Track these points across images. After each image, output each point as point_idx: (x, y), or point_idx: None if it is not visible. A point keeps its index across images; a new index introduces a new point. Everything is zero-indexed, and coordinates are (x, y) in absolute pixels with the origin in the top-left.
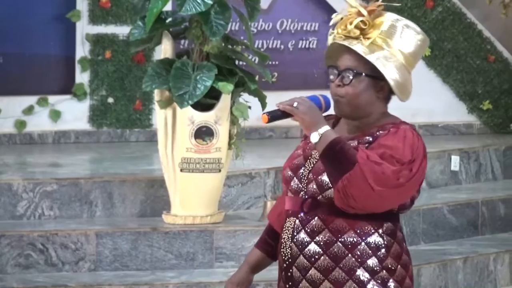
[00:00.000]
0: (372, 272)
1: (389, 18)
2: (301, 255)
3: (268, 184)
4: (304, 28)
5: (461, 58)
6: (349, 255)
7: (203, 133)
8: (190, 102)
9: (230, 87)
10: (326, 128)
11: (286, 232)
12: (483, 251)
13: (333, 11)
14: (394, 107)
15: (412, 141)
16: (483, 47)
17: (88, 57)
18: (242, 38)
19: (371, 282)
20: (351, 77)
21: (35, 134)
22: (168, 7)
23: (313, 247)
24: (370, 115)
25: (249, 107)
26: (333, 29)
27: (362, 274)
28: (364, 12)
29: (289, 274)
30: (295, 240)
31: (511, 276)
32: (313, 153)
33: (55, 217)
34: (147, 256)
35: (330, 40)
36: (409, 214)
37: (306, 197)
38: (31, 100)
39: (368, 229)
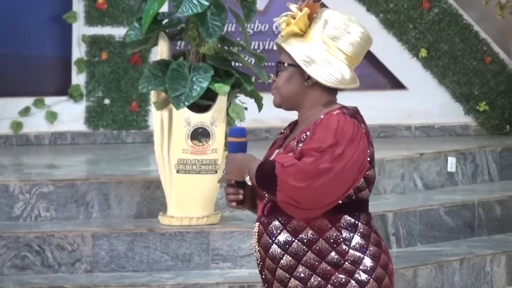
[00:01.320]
0: (335, 265)
1: (325, 14)
2: (267, 257)
3: None
4: None
5: (458, 59)
6: (309, 251)
7: (199, 134)
8: (186, 103)
9: (226, 88)
10: (251, 165)
11: (254, 237)
12: (480, 252)
13: None
14: (390, 108)
15: (336, 126)
16: (479, 48)
17: (85, 58)
18: (238, 39)
19: (335, 274)
20: (277, 69)
21: (31, 136)
22: (165, 8)
23: (274, 248)
24: (308, 106)
25: (246, 109)
26: None
27: (325, 267)
28: (293, 9)
29: (263, 276)
30: (260, 243)
31: (507, 277)
32: (272, 157)
33: (51, 219)
34: (144, 257)
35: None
36: (406, 215)
37: (266, 200)
38: (28, 101)
39: (324, 224)
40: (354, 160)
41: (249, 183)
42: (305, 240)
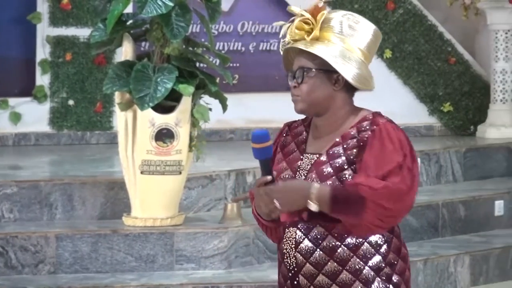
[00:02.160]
0: (377, 270)
1: (337, 14)
2: (307, 263)
3: (228, 186)
4: (265, 30)
5: (422, 60)
6: (354, 256)
7: (164, 135)
8: (150, 104)
9: (191, 89)
10: (314, 191)
11: (288, 243)
12: (444, 252)
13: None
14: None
15: (397, 137)
16: (444, 49)
17: (49, 59)
18: (203, 40)
19: (376, 280)
20: (302, 75)
21: None
22: (129, 9)
23: (318, 254)
24: (333, 110)
25: (210, 109)
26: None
27: (368, 273)
28: (305, 13)
29: (295, 282)
30: (299, 249)
31: (471, 277)
32: (299, 164)
33: (15, 220)
34: (107, 258)
35: (281, 50)
36: None
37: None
38: None
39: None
40: (416, 166)
41: (313, 209)
42: (351, 246)
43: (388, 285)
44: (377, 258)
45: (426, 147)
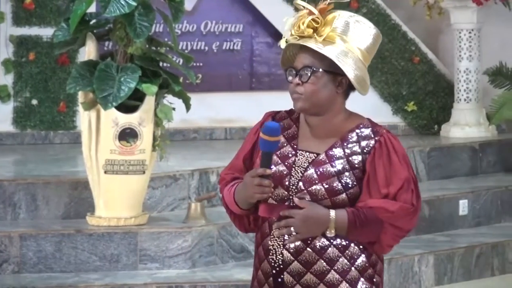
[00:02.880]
0: (362, 270)
1: (342, 15)
2: (296, 261)
3: (192, 185)
4: (229, 30)
5: (386, 59)
6: (342, 257)
7: (127, 135)
8: (114, 104)
9: (154, 88)
10: (333, 219)
11: (276, 240)
12: (408, 252)
13: (258, 13)
14: None
15: (400, 150)
16: (407, 48)
17: (12, 59)
18: (166, 39)
19: (360, 280)
20: (309, 74)
21: None
22: (92, 8)
23: (308, 253)
24: (332, 112)
25: (173, 109)
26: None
27: (354, 273)
28: (315, 11)
29: (279, 280)
30: (287, 246)
31: (435, 277)
32: (294, 160)
33: None
34: (71, 258)
35: (282, 44)
36: None
37: (294, 204)
38: None
39: None
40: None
41: (332, 235)
42: (340, 246)
43: (371, 286)
44: (362, 259)
45: None
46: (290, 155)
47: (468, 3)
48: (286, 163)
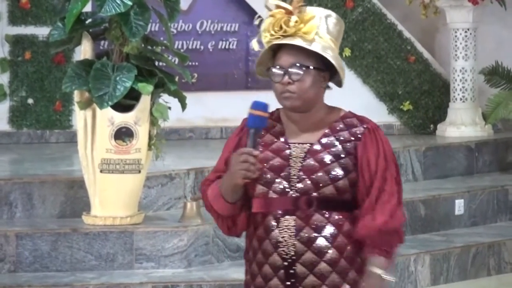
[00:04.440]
0: (365, 259)
1: (315, 11)
2: (309, 251)
3: (188, 185)
4: (224, 29)
5: (382, 58)
6: (350, 245)
7: (123, 134)
8: (109, 103)
9: (150, 88)
10: (382, 275)
11: (286, 231)
12: (404, 252)
13: (253, 12)
14: None
15: (385, 139)
16: (403, 47)
17: (8, 58)
18: (162, 39)
19: (364, 269)
20: (301, 72)
21: None
22: (88, 8)
23: (321, 241)
24: (317, 106)
25: (169, 108)
26: (259, 35)
27: (360, 262)
28: (293, 10)
29: (291, 271)
30: (299, 237)
31: (431, 276)
32: (289, 152)
33: None
34: (67, 257)
35: (255, 46)
36: None
37: (298, 195)
38: None
39: (356, 218)
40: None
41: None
42: (347, 234)
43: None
44: (360, 248)
45: None
46: (284, 149)
47: (464, 2)
48: (282, 156)
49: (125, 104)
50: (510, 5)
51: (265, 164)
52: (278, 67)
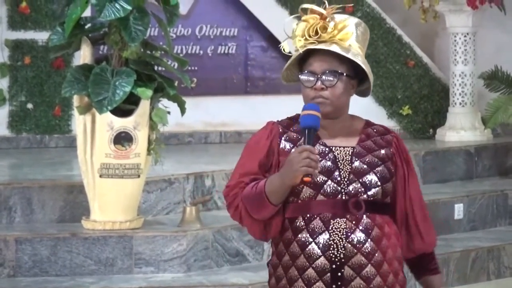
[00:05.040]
0: (400, 261)
1: (348, 19)
2: (359, 253)
3: (187, 189)
4: (223, 34)
5: (381, 63)
6: (389, 248)
7: (122, 139)
8: (109, 107)
9: (149, 92)
10: None
11: (337, 234)
12: None
13: (252, 17)
14: None
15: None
16: (402, 52)
17: (7, 63)
18: (161, 43)
19: (400, 271)
20: (335, 79)
21: None
22: (87, 13)
23: (369, 244)
24: (344, 115)
25: (168, 113)
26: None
27: (397, 264)
28: (327, 15)
29: (339, 274)
30: (350, 240)
31: None
32: (335, 155)
33: None
34: (67, 261)
35: (286, 47)
36: None
37: (347, 197)
38: None
39: (391, 221)
40: None
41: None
42: (387, 237)
43: (404, 277)
44: (400, 250)
45: None
46: (327, 151)
47: (463, 7)
48: (328, 158)
49: (124, 109)
50: (509, 9)
51: (319, 165)
52: (311, 72)
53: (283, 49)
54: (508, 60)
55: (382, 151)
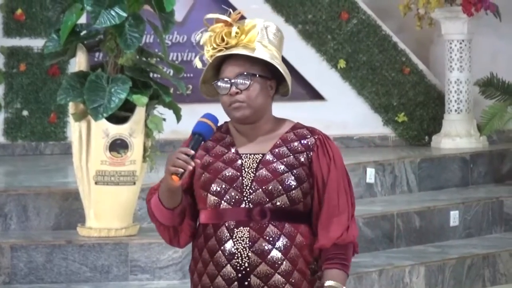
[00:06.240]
0: (313, 271)
1: (254, 22)
2: (263, 263)
3: None
4: None
5: (376, 70)
6: (301, 258)
7: (118, 146)
8: (104, 114)
9: (145, 99)
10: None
11: (241, 243)
12: (399, 263)
13: None
14: (308, 119)
15: (336, 148)
16: (398, 59)
17: (3, 70)
18: (156, 50)
19: (316, 281)
20: (249, 81)
21: None
22: (83, 20)
23: (275, 253)
24: (266, 117)
25: (164, 120)
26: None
27: (309, 273)
28: (232, 22)
29: (246, 283)
30: (253, 249)
31: None
32: (241, 163)
33: None
34: (62, 269)
35: (199, 63)
36: None
37: (251, 206)
38: None
39: (306, 230)
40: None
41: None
42: (299, 246)
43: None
44: (313, 260)
45: (380, 158)
46: (235, 159)
47: (459, 13)
48: (234, 166)
49: (119, 116)
50: (504, 16)
51: (221, 174)
52: (224, 79)
53: (195, 66)
54: (504, 67)
55: (295, 157)
